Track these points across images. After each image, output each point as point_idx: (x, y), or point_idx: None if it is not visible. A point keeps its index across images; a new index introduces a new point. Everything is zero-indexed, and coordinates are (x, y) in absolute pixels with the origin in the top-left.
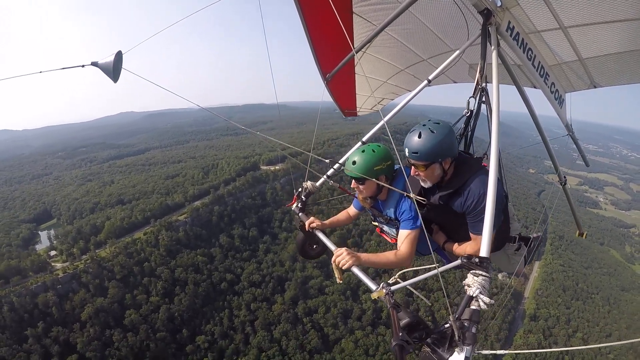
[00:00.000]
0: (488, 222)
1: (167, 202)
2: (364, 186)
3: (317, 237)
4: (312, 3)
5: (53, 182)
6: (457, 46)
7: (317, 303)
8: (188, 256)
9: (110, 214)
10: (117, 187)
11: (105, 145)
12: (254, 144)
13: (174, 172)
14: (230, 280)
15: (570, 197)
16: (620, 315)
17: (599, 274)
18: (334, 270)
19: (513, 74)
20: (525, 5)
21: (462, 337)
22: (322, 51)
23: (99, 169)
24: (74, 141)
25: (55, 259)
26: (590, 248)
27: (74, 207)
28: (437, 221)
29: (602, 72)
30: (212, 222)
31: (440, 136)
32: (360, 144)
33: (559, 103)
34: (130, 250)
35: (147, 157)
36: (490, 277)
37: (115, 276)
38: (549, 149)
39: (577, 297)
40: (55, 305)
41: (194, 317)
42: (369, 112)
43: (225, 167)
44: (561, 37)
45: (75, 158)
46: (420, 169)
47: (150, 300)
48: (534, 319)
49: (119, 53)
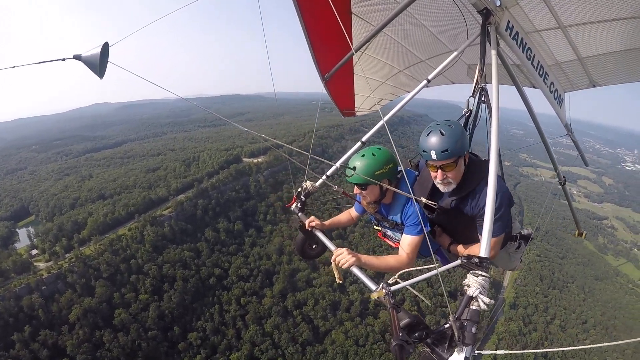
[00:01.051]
0: (488, 223)
1: (150, 196)
2: (367, 191)
3: (317, 237)
4: (311, 3)
5: (29, 177)
6: (455, 47)
7: (306, 295)
8: (175, 252)
9: (91, 209)
10: (97, 181)
11: (80, 138)
12: (233, 135)
13: (155, 165)
14: (219, 275)
15: (570, 198)
16: (595, 303)
17: (573, 263)
18: (333, 270)
19: (512, 74)
20: (525, 4)
21: (462, 337)
22: (320, 51)
23: (76, 162)
24: (48, 134)
25: (38, 259)
26: (564, 239)
27: (53, 203)
28: (445, 224)
29: (602, 71)
30: (197, 216)
31: (458, 129)
32: (360, 145)
33: (558, 103)
34: (115, 247)
35: (124, 150)
36: (490, 277)
37: (102, 275)
38: (548, 149)
39: (553, 285)
40: (41, 308)
41: (185, 314)
42: (367, 112)
43: (207, 159)
44: (560, 36)
45: (50, 151)
46: (449, 169)
47: (139, 298)
48: (513, 307)
49: (105, 45)
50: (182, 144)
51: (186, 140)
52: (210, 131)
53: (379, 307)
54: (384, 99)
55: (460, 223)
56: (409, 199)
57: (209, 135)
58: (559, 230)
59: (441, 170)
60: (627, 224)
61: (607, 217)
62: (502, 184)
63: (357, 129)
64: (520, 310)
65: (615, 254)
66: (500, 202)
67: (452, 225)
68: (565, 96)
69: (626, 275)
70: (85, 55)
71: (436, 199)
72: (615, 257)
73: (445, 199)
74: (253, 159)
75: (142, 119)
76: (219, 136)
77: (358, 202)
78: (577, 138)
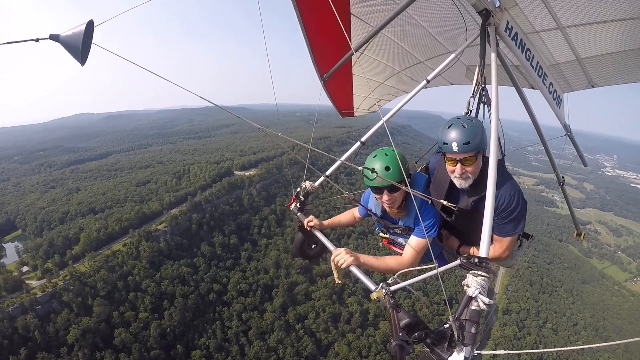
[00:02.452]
0: (488, 223)
1: (143, 210)
2: (396, 194)
3: (316, 237)
4: (310, 4)
5: (12, 188)
6: (454, 48)
7: (307, 309)
8: (172, 267)
9: (82, 224)
10: (86, 194)
11: (63, 149)
12: (221, 147)
13: (144, 178)
14: (218, 291)
15: (569, 198)
16: (584, 305)
17: (560, 268)
18: (332, 270)
19: (512, 75)
20: (524, 5)
21: (462, 337)
22: (319, 52)
23: (61, 174)
24: (30, 144)
25: (29, 276)
26: (550, 245)
27: (41, 217)
28: (460, 226)
29: (600, 71)
30: (192, 230)
31: (479, 124)
32: (359, 144)
33: (557, 103)
34: (111, 263)
35: (111, 162)
36: (489, 278)
37: (99, 293)
38: (547, 150)
39: (543, 290)
40: (37, 329)
41: (186, 332)
42: (366, 113)
43: (199, 172)
44: (559, 37)
45: (33, 162)
46: (469, 163)
47: (139, 316)
48: (506, 312)
49: (90, 24)
50: (170, 156)
51: (173, 153)
52: (196, 143)
53: (378, 317)
54: (382, 100)
55: (475, 225)
56: (424, 203)
57: (196, 148)
58: (545, 237)
59: (461, 164)
60: (609, 227)
61: (589, 222)
62: (515, 184)
63: (343, 140)
64: (513, 315)
65: (599, 257)
66: (518, 200)
67: (465, 227)
68: (564, 97)
69: (611, 277)
70: (65, 35)
71: (453, 202)
72: (600, 261)
73: (464, 199)
74: (244, 172)
75: (125, 130)
76: (206, 148)
77: (364, 206)
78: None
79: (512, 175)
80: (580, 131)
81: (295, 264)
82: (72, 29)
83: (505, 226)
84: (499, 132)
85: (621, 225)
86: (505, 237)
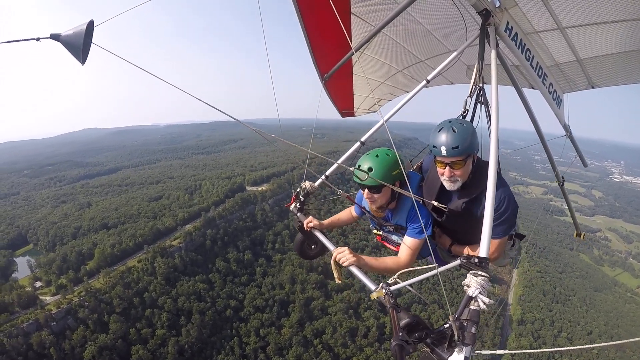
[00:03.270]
0: (487, 223)
1: (157, 226)
2: (380, 195)
3: (316, 238)
4: (310, 4)
5: (23, 202)
6: (455, 47)
7: (323, 324)
8: (188, 283)
9: (95, 239)
10: (98, 210)
11: (73, 164)
12: (231, 163)
13: (156, 193)
14: (235, 307)
15: (569, 198)
16: (597, 313)
17: (572, 277)
18: (333, 270)
19: (512, 75)
20: (524, 5)
21: (462, 337)
22: (320, 51)
23: (72, 189)
24: (39, 158)
25: (42, 291)
26: (561, 254)
27: (53, 232)
28: (451, 226)
29: (600, 72)
30: (206, 246)
31: (470, 128)
32: (359, 145)
33: (557, 104)
34: (127, 279)
35: (121, 177)
36: (489, 277)
37: (115, 309)
38: (547, 150)
39: (556, 300)
40: (52, 346)
41: (204, 348)
42: (366, 113)
43: (211, 188)
44: (559, 37)
45: (42, 177)
46: (457, 167)
47: (156, 333)
48: (521, 323)
49: (90, 24)
50: (180, 171)
51: (183, 168)
52: (205, 158)
53: None
54: (383, 99)
55: (466, 225)
56: (416, 202)
57: (206, 163)
58: (556, 246)
59: (449, 167)
60: (620, 234)
61: (600, 230)
62: (506, 187)
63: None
64: (528, 326)
65: (611, 265)
66: (507, 204)
67: (457, 227)
68: (564, 97)
69: (624, 284)
70: (66, 35)
71: (444, 202)
72: (612, 268)
73: (455, 201)
74: (256, 187)
75: (133, 145)
76: (216, 164)
77: (358, 205)
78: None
79: (504, 179)
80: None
81: (310, 279)
82: (73, 29)
83: (496, 228)
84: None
85: (632, 232)
86: (495, 238)
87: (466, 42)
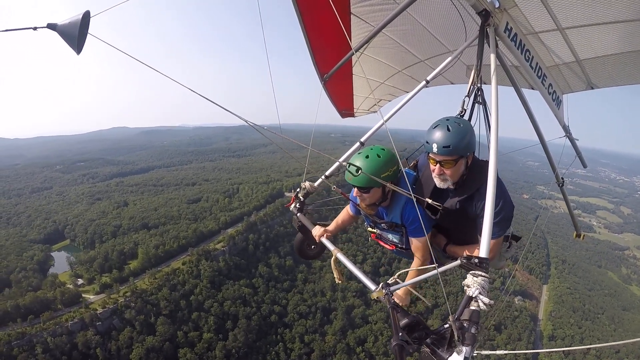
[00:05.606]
0: (487, 223)
1: (200, 229)
2: (369, 194)
3: (322, 244)
4: (310, 4)
5: (56, 197)
6: (454, 47)
7: (365, 332)
8: (233, 288)
9: (137, 239)
10: (136, 209)
11: (104, 161)
12: (265, 167)
13: (194, 195)
14: (279, 313)
15: (568, 199)
16: (625, 333)
17: (601, 295)
18: (333, 270)
19: (511, 75)
20: (524, 6)
21: (462, 337)
22: (319, 52)
23: (106, 187)
24: (70, 154)
25: (84, 289)
26: (590, 271)
27: (92, 230)
28: (445, 225)
29: (600, 73)
30: (249, 251)
31: (467, 128)
32: (359, 145)
33: (556, 104)
34: (172, 281)
35: (155, 177)
36: (489, 278)
37: (161, 311)
38: (546, 150)
39: (585, 317)
40: (98, 346)
41: (250, 353)
42: (366, 113)
43: (250, 193)
44: (559, 38)
45: (75, 173)
46: (447, 166)
47: (203, 337)
48: (552, 339)
49: (86, 14)
50: (214, 174)
51: (217, 171)
52: (237, 162)
53: None
54: (382, 100)
55: (462, 224)
56: (409, 200)
57: (239, 167)
58: (584, 263)
59: (440, 165)
60: None
61: (628, 247)
62: (503, 187)
63: None
64: (558, 342)
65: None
66: (503, 204)
67: (452, 226)
68: (563, 98)
69: None
70: (62, 24)
71: (439, 200)
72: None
73: (450, 199)
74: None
75: (163, 145)
76: (249, 168)
77: (353, 202)
78: (575, 140)
79: (500, 179)
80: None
81: (351, 287)
82: (69, 19)
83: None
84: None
85: None
86: (492, 238)
87: (466, 42)
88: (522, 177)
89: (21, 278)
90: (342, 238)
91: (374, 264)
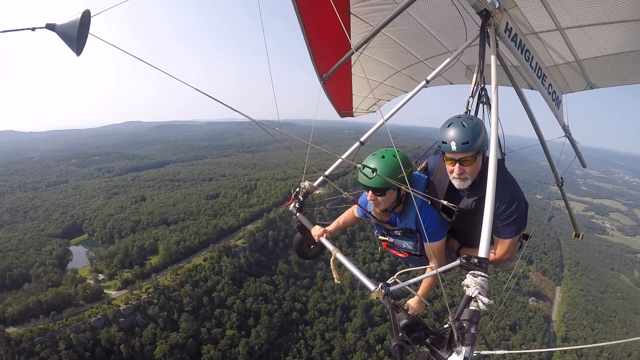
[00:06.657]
0: (487, 223)
1: (220, 225)
2: (384, 197)
3: (322, 244)
4: (310, 3)
5: (72, 191)
6: (454, 47)
7: (384, 330)
8: (254, 284)
9: (156, 235)
10: (155, 204)
11: (119, 155)
12: (281, 164)
13: (212, 191)
14: (300, 310)
15: (567, 199)
16: (637, 335)
17: (613, 297)
18: (332, 270)
19: (511, 75)
20: (524, 6)
21: (461, 337)
22: (319, 52)
23: (122, 181)
24: (84, 148)
25: (105, 284)
26: (603, 273)
27: (111, 225)
28: (459, 227)
29: (599, 73)
30: (269, 247)
31: (480, 123)
32: (359, 145)
33: (556, 104)
34: (195, 278)
35: (171, 172)
36: (489, 278)
37: (184, 308)
38: (546, 150)
39: (598, 319)
40: (122, 343)
41: (271, 350)
42: (365, 113)
43: (269, 189)
44: (559, 38)
45: (90, 167)
46: (467, 163)
47: (226, 333)
48: (565, 340)
49: (86, 13)
50: (230, 169)
51: (232, 166)
52: (252, 157)
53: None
54: (382, 99)
55: (478, 225)
56: (424, 204)
57: (254, 162)
58: (597, 265)
59: (459, 164)
60: None
61: None
62: (516, 185)
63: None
64: (571, 343)
65: None
66: (519, 203)
67: (466, 228)
68: (563, 98)
69: None
70: (61, 25)
71: (453, 202)
72: None
73: (464, 200)
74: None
75: (177, 140)
76: (265, 164)
77: (363, 208)
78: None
79: (513, 178)
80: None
81: None
82: (68, 19)
83: (506, 228)
84: (498, 133)
85: None
86: (506, 239)
87: (466, 42)
88: (535, 176)
89: (41, 273)
90: (360, 236)
91: (392, 262)
